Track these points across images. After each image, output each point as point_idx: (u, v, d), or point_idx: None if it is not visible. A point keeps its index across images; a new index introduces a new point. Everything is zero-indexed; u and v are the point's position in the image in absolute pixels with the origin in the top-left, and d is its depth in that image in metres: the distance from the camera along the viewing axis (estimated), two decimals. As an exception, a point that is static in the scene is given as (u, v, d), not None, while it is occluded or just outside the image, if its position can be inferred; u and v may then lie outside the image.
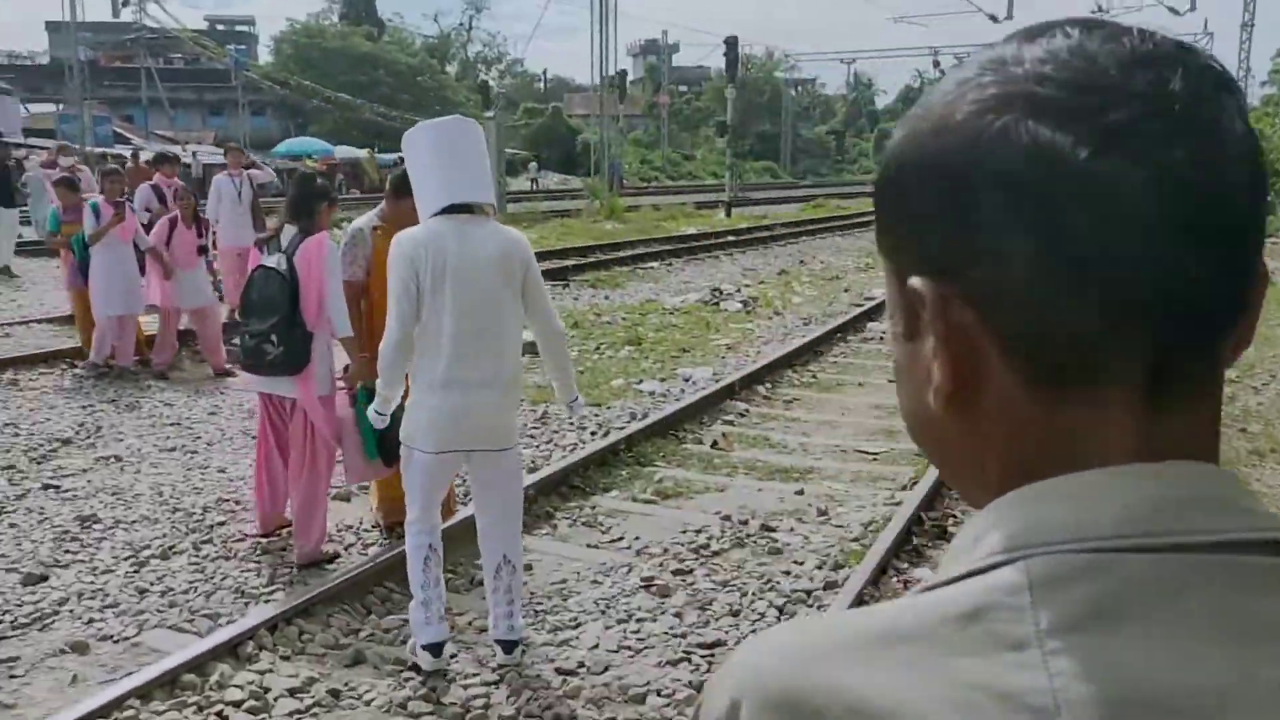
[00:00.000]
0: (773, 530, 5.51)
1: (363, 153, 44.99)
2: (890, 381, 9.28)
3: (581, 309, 13.56)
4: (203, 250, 9.31)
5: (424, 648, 3.90)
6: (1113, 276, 0.51)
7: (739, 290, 15.01)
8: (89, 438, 7.24)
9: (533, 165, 50.88)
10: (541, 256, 18.74)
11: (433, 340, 3.65)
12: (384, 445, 4.68)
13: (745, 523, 5.60)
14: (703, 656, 4.03)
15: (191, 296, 9.11)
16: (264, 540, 5.29)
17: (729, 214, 31.85)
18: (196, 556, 5.09)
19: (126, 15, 42.43)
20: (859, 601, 4.32)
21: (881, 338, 11.58)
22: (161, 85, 49.10)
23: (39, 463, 6.67)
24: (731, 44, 30.80)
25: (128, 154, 28.92)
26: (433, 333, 3.64)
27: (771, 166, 73.33)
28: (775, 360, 9.63)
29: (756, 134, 79.96)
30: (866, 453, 7.11)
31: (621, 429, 7.29)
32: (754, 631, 4.21)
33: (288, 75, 55.21)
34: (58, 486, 6.15)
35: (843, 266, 19.09)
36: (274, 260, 4.91)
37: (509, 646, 4.01)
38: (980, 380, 0.55)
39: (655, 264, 18.95)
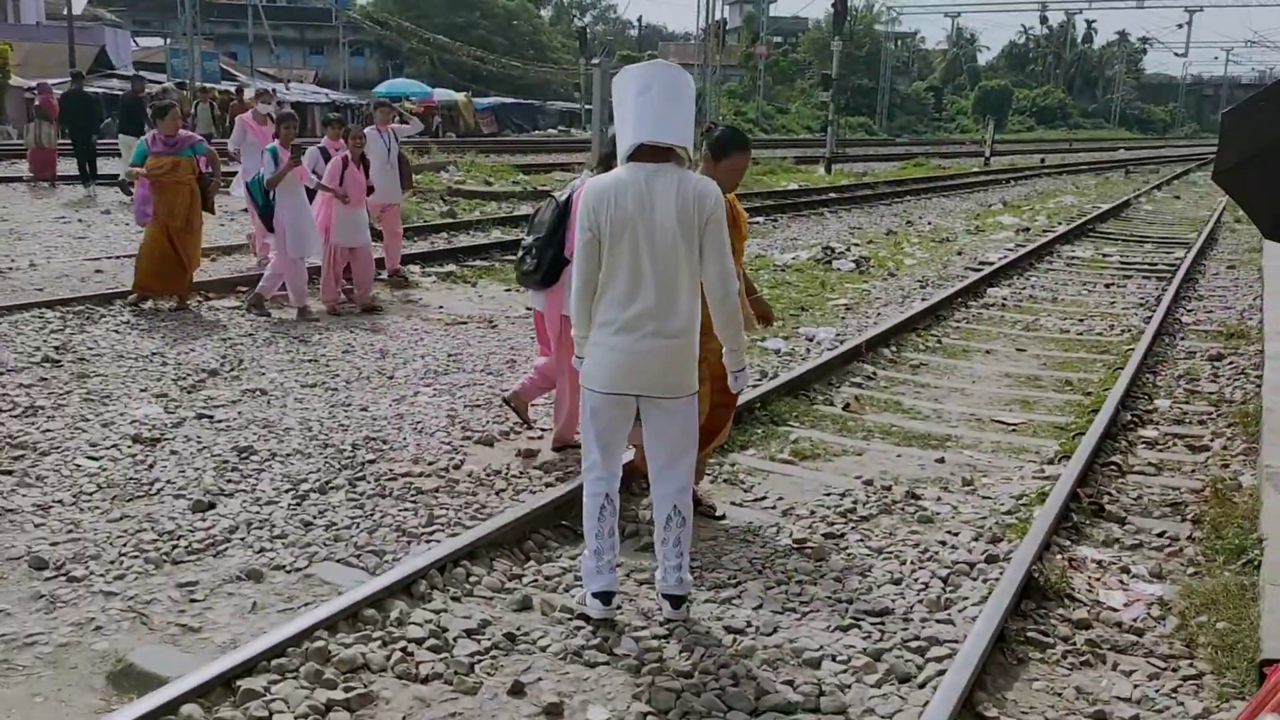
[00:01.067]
0: (919, 498, 5.44)
1: (460, 96, 45.26)
2: (1020, 350, 9.11)
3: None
4: (370, 190, 9.73)
5: (594, 595, 3.95)
6: None
7: (849, 249, 14.80)
8: (233, 370, 7.42)
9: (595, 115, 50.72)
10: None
11: (609, 287, 3.75)
12: None
13: (888, 489, 5.55)
14: (873, 624, 4.01)
15: (354, 234, 9.58)
16: (415, 480, 5.39)
17: (829, 170, 31.43)
18: (354, 493, 5.20)
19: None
20: (1029, 579, 4.25)
21: (1003, 304, 11.35)
22: (266, 22, 49.68)
23: (189, 392, 6.86)
24: (840, -4, 30.15)
25: (232, 89, 29.49)
26: (610, 279, 3.74)
27: (867, 122, 72.00)
28: (899, 324, 9.49)
29: (853, 88, 78.37)
30: (1004, 423, 6.98)
31: (754, 386, 7.26)
32: (920, 602, 4.18)
33: (387, 16, 55.51)
34: (211, 416, 6.32)
35: (951, 229, 18.71)
36: (564, 191, 5.60)
37: (677, 601, 4.02)
38: None
39: (760, 219, 18.76)
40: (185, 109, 24.59)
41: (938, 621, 4.01)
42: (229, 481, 5.29)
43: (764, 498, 5.45)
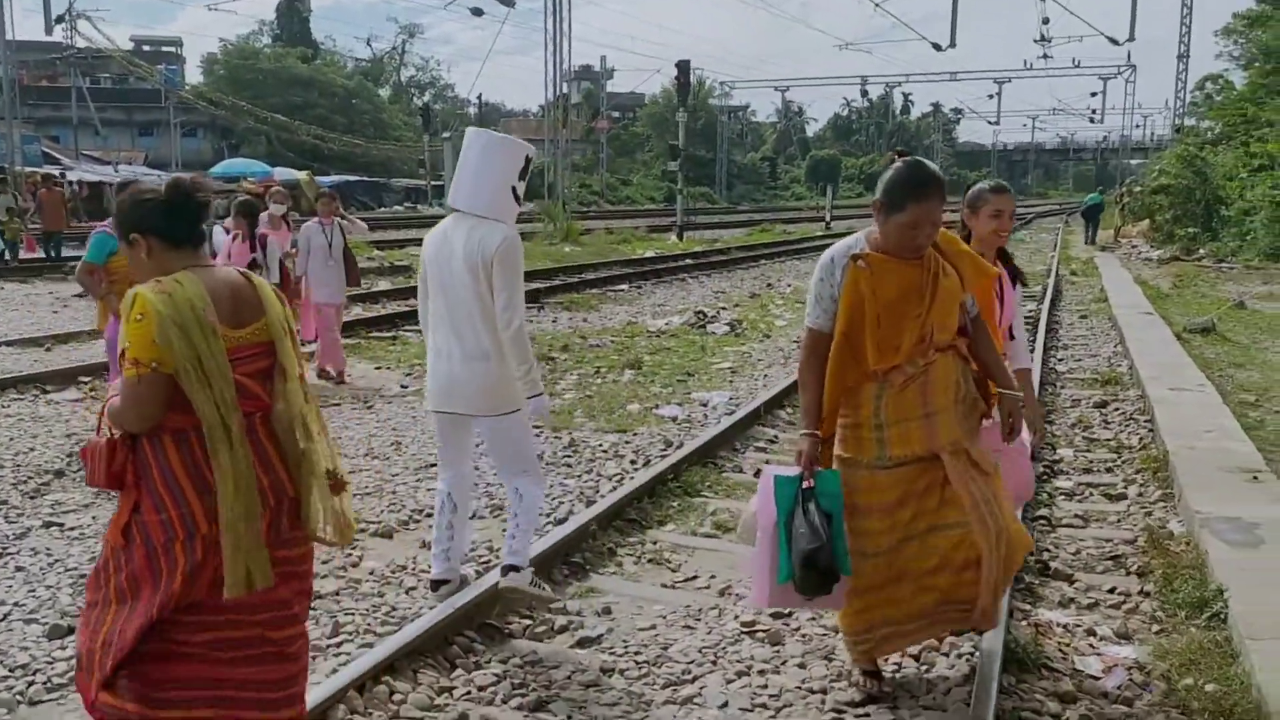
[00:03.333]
0: (858, 566, 5.14)
1: (301, 174, 43.96)
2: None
3: (564, 331, 13.15)
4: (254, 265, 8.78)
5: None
6: None
7: (719, 313, 14.70)
8: (80, 469, 6.62)
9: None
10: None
11: (433, 318, 4.38)
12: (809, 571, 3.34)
13: (823, 558, 5.22)
14: (858, 717, 3.63)
15: None
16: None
17: (681, 237, 31.73)
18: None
19: (57, 34, 41.11)
20: (1006, 651, 3.96)
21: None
22: (91, 104, 47.55)
23: (32, 497, 6.05)
24: (683, 67, 30.69)
25: (57, 173, 27.84)
26: (433, 312, 4.38)
27: (708, 192, 73.57)
28: (789, 385, 9.30)
29: (693, 159, 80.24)
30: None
31: (661, 457, 6.90)
32: (902, 687, 3.83)
33: (221, 95, 54.00)
34: (61, 524, 5.56)
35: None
36: None
37: (506, 570, 4.41)
38: None
39: (624, 286, 18.60)
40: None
41: (925, 709, 3.66)
42: (91, 600, 4.57)
43: (695, 576, 5.06)
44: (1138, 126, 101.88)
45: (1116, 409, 8.73)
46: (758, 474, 6.70)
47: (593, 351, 11.47)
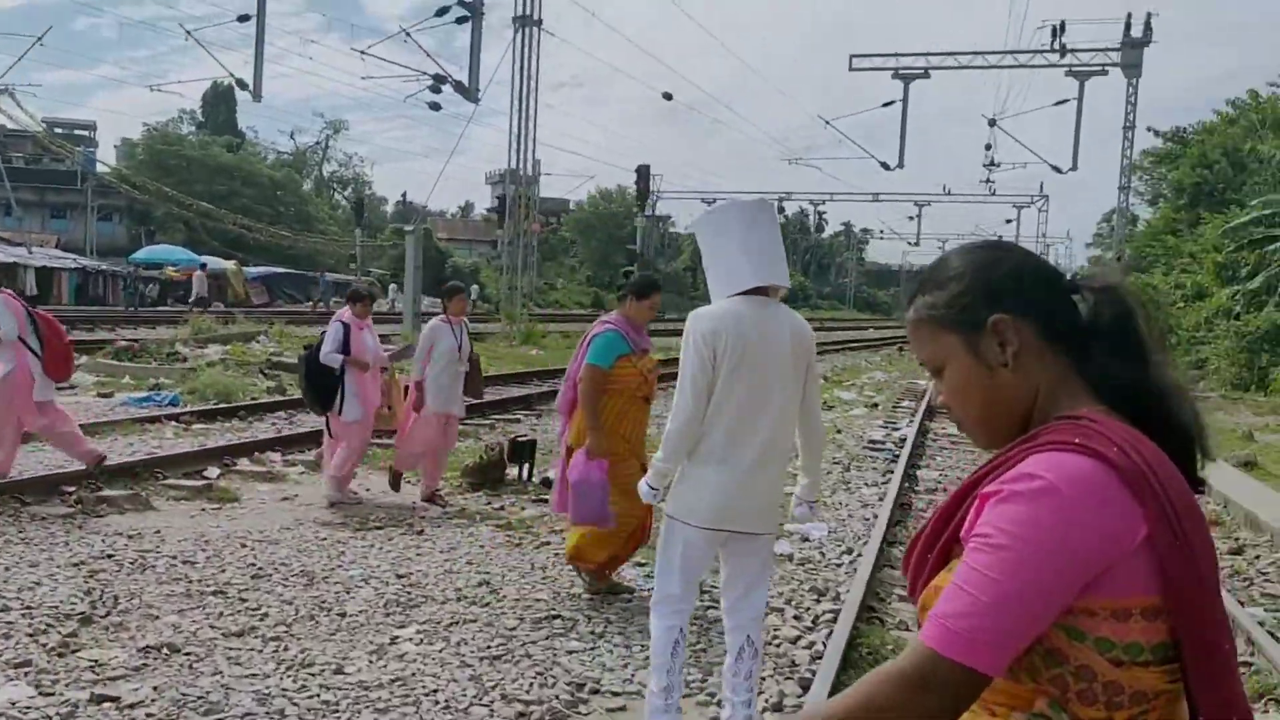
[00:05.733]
0: None
1: (229, 264, 42.34)
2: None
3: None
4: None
5: None
6: None
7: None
8: (109, 612, 5.24)
9: (392, 288, 48.25)
10: (502, 380, 17.11)
11: (717, 417, 3.64)
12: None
13: None
14: None
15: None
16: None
17: (635, 345, 30.86)
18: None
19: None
20: None
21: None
22: (8, 184, 45.22)
23: (60, 655, 4.65)
24: (643, 172, 30.36)
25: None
26: (719, 411, 3.63)
27: (635, 301, 73.33)
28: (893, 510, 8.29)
29: (615, 265, 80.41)
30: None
31: (830, 617, 5.78)
32: None
33: (145, 180, 52.05)
34: (115, 699, 4.19)
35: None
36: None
37: None
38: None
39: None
40: None
41: None
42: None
43: None
44: (1042, 255, 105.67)
45: (1255, 557, 7.86)
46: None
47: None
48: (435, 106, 28.35)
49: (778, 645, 5.12)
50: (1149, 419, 1.33)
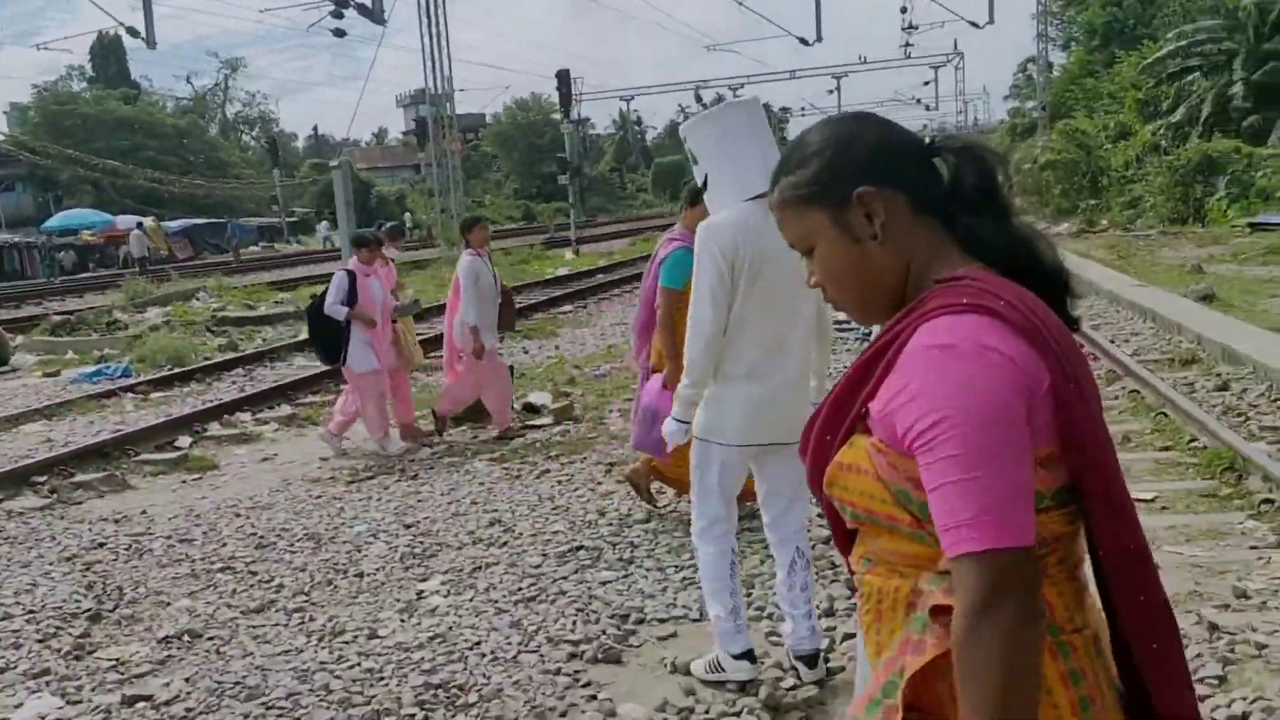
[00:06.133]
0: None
1: (147, 221, 40.86)
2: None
3: (542, 362, 11.76)
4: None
5: (739, 657, 3.67)
6: None
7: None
8: (117, 604, 5.02)
9: (324, 225, 47.11)
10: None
11: (741, 332, 3.47)
12: None
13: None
14: None
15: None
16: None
17: (577, 253, 30.56)
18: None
19: None
20: None
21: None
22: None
23: (77, 658, 4.45)
24: (563, 77, 29.58)
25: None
26: (742, 324, 3.46)
27: (563, 206, 72.45)
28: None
29: (542, 175, 79.22)
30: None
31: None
32: None
33: (45, 144, 49.91)
34: (149, 698, 4.01)
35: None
36: None
37: (812, 660, 3.68)
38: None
39: (568, 307, 17.28)
40: None
41: None
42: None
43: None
44: (960, 113, 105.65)
45: (1242, 390, 7.93)
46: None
47: (601, 384, 10.17)
48: (339, 33, 27.16)
49: (813, 546, 5.04)
50: (1021, 269, 1.35)
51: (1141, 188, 27.82)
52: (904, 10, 42.45)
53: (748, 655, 3.68)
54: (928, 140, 1.44)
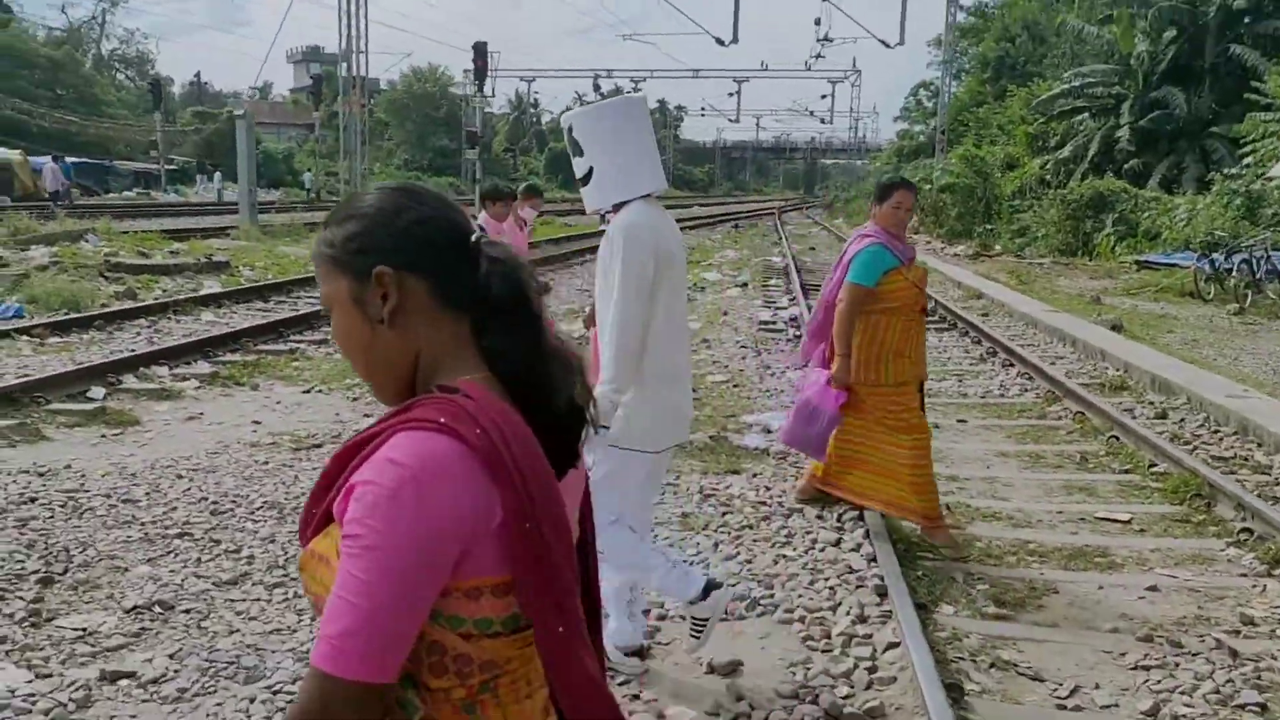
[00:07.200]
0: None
1: (15, 154, 38.45)
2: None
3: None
4: None
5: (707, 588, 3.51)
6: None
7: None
8: (69, 568, 4.56)
9: (217, 176, 45.25)
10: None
11: (655, 334, 3.38)
12: None
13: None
14: None
15: None
16: None
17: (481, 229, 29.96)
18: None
19: None
20: None
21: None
22: None
23: (36, 626, 4.00)
24: (480, 50, 28.86)
25: None
26: (656, 325, 3.38)
27: (456, 182, 71.28)
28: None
29: (434, 149, 77.79)
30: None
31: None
32: None
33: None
34: (133, 674, 3.62)
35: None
36: None
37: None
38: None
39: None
40: None
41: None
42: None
43: (1041, 679, 3.87)
44: (850, 129, 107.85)
45: (1180, 420, 8.17)
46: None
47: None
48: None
49: (821, 550, 4.92)
50: (539, 390, 1.30)
51: (1030, 217, 28.77)
52: (818, 22, 43.02)
53: (713, 584, 3.53)
54: (474, 238, 1.33)
